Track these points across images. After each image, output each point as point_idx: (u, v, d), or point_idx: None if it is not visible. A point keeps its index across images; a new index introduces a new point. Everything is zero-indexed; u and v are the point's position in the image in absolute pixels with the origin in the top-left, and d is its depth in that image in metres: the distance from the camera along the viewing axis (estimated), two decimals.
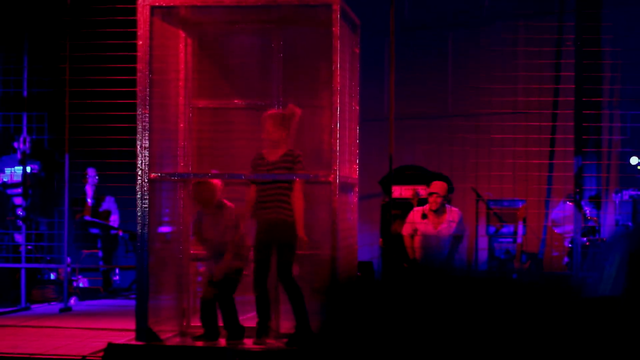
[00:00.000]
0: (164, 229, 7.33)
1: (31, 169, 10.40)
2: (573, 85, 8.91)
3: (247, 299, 7.09)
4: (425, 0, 12.21)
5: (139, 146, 6.91)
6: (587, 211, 10.07)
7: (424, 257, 9.25)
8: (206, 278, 7.13)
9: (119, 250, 11.69)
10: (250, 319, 7.12)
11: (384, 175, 9.50)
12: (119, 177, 9.03)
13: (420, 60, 12.05)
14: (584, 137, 8.89)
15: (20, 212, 10.00)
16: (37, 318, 8.92)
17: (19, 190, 10.23)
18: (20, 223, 9.90)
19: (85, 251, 11.45)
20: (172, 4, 7.02)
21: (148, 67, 6.88)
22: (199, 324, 7.15)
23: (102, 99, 9.05)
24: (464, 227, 9.74)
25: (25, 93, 10.00)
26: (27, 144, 10.01)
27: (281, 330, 7.19)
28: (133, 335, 6.95)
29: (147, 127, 6.89)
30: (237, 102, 7.63)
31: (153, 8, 6.91)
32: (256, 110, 7.50)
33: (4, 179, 10.50)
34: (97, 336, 7.54)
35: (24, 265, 9.64)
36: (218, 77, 7.60)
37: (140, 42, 6.90)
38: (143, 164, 6.89)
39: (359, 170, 7.49)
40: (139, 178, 6.89)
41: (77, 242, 11.09)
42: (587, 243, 9.49)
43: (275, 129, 6.90)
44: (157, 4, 6.91)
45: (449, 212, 9.55)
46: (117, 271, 11.58)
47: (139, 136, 6.91)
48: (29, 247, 10.00)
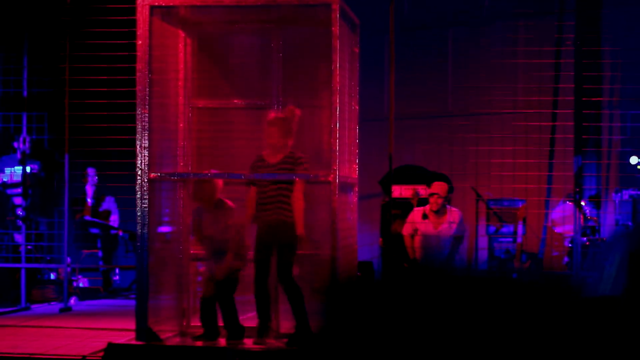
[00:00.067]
0: (164, 229, 7.32)
1: (31, 169, 10.39)
2: (573, 85, 8.90)
3: (247, 299, 7.09)
4: (425, 0, 12.21)
5: (138, 146, 6.90)
6: (587, 211, 10.07)
7: (424, 257, 9.24)
8: (206, 277, 7.13)
9: (119, 250, 11.68)
10: (250, 319, 7.12)
11: (384, 175, 9.50)
12: (119, 177, 9.02)
13: (420, 60, 12.05)
14: (583, 136, 8.88)
15: (20, 212, 9.99)
16: (37, 318, 8.92)
17: (19, 190, 10.22)
18: (20, 223, 9.90)
19: (85, 251, 11.44)
20: (171, 4, 7.02)
21: (147, 67, 6.88)
22: (199, 324, 7.14)
23: (102, 99, 9.05)
24: (465, 227, 9.74)
25: (25, 93, 9.99)
26: (27, 144, 10.00)
27: (281, 330, 7.19)
28: (133, 335, 6.95)
29: (146, 127, 6.89)
30: (237, 101, 7.63)
31: (152, 8, 6.90)
32: (256, 110, 7.50)
33: (4, 179, 10.50)
34: (97, 336, 7.54)
35: (24, 265, 9.64)
36: (218, 77, 7.60)
37: (140, 42, 6.90)
38: (143, 164, 6.89)
39: (359, 170, 7.48)
40: (139, 178, 6.89)
41: (77, 242, 11.08)
42: (587, 243, 9.49)
43: (282, 135, 6.89)
44: (156, 3, 6.91)
45: (450, 212, 9.54)
46: (117, 271, 11.57)
47: (138, 136, 6.91)
48: (29, 247, 9.99)
